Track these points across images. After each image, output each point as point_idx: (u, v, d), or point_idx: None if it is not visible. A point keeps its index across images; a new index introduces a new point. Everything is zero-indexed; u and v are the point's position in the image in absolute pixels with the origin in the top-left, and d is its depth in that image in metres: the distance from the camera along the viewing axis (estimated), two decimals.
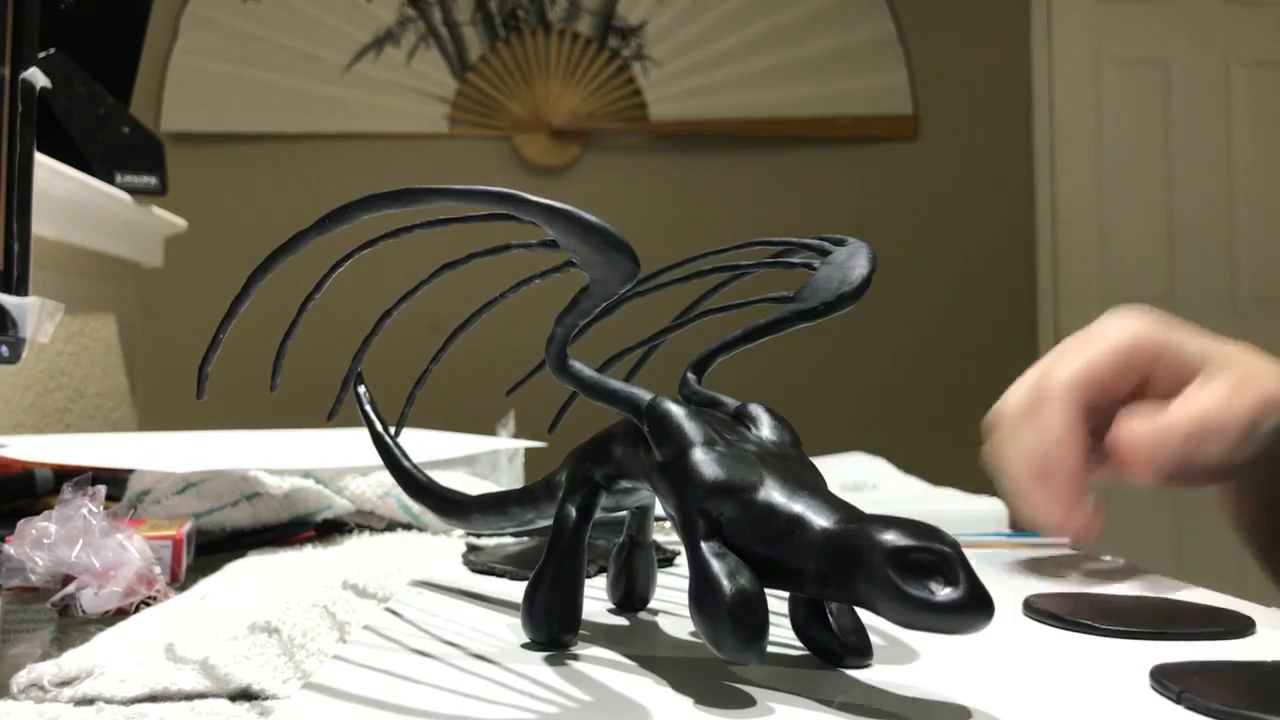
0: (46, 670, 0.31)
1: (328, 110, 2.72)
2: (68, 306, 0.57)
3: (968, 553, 0.28)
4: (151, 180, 1.17)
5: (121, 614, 0.41)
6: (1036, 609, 0.39)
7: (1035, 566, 0.50)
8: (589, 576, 0.44)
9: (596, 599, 0.41)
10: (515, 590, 0.43)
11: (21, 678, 0.31)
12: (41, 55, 0.94)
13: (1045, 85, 2.84)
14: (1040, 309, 2.82)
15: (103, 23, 1.18)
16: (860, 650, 0.32)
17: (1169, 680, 0.29)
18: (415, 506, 0.60)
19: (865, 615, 0.32)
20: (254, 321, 0.44)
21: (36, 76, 0.51)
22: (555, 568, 0.35)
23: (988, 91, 2.83)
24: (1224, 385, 0.46)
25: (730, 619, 0.28)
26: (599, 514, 0.36)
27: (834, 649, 0.32)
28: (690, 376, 0.38)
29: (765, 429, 0.34)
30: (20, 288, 0.51)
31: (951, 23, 2.82)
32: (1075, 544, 0.55)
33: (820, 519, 0.29)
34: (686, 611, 0.29)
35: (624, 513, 0.39)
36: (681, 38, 2.77)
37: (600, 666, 0.32)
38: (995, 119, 2.83)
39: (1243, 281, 2.78)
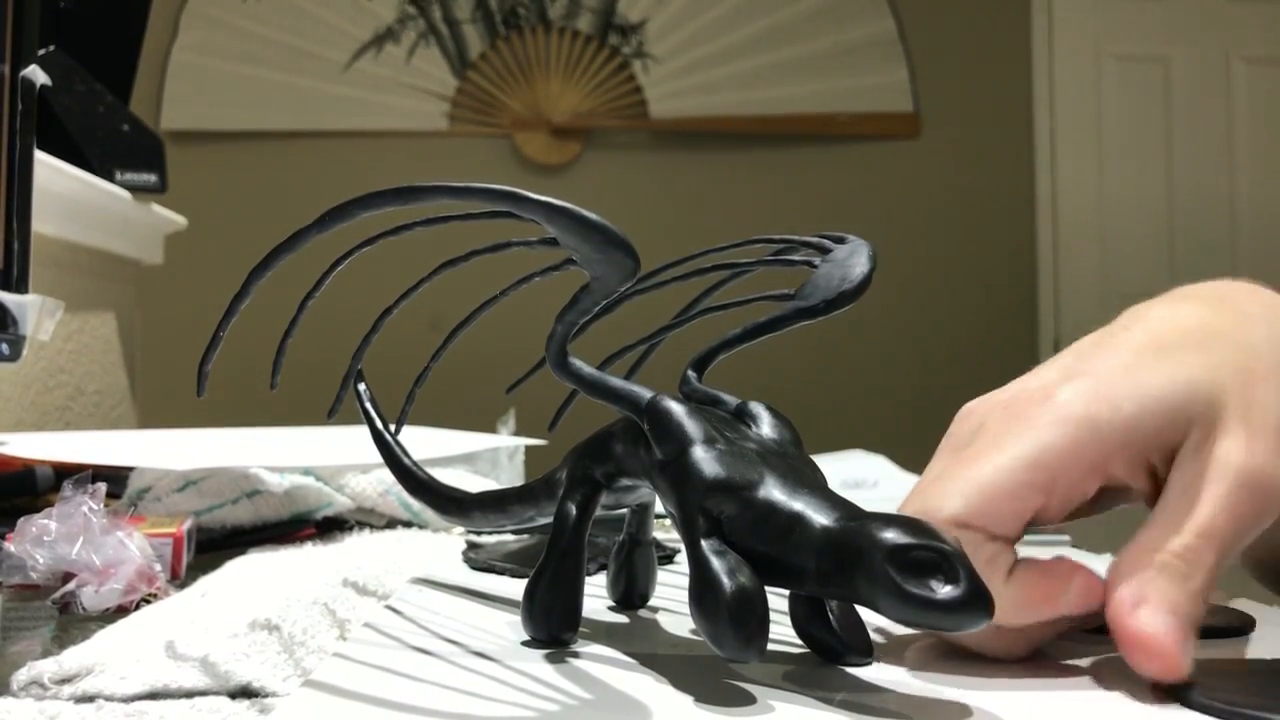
0: (47, 668, 0.31)
1: (327, 108, 2.72)
2: (68, 304, 0.57)
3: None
4: (151, 178, 1.17)
5: (122, 611, 0.41)
6: None
7: None
8: (589, 574, 0.44)
9: (597, 597, 0.40)
10: (515, 588, 0.43)
11: (22, 675, 0.31)
12: (41, 53, 0.94)
13: (1045, 82, 2.83)
14: (1040, 307, 2.82)
15: (102, 20, 1.18)
16: (860, 648, 0.32)
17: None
18: (415, 504, 0.60)
19: (866, 613, 0.32)
20: (254, 319, 0.44)
21: (36, 74, 0.51)
22: (555, 565, 0.34)
23: (988, 89, 2.83)
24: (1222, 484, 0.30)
25: (730, 617, 0.28)
26: (599, 512, 0.36)
27: (834, 647, 0.32)
28: (691, 374, 0.38)
29: (766, 427, 0.34)
30: (20, 285, 0.51)
31: (952, 20, 2.81)
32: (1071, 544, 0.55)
33: (821, 517, 0.29)
34: (687, 609, 0.29)
35: (624, 510, 0.39)
36: (682, 35, 2.77)
37: (600, 664, 0.32)
38: (995, 116, 2.83)
39: (1243, 279, 2.78)
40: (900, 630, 0.36)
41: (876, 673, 0.31)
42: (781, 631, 0.33)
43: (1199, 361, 0.33)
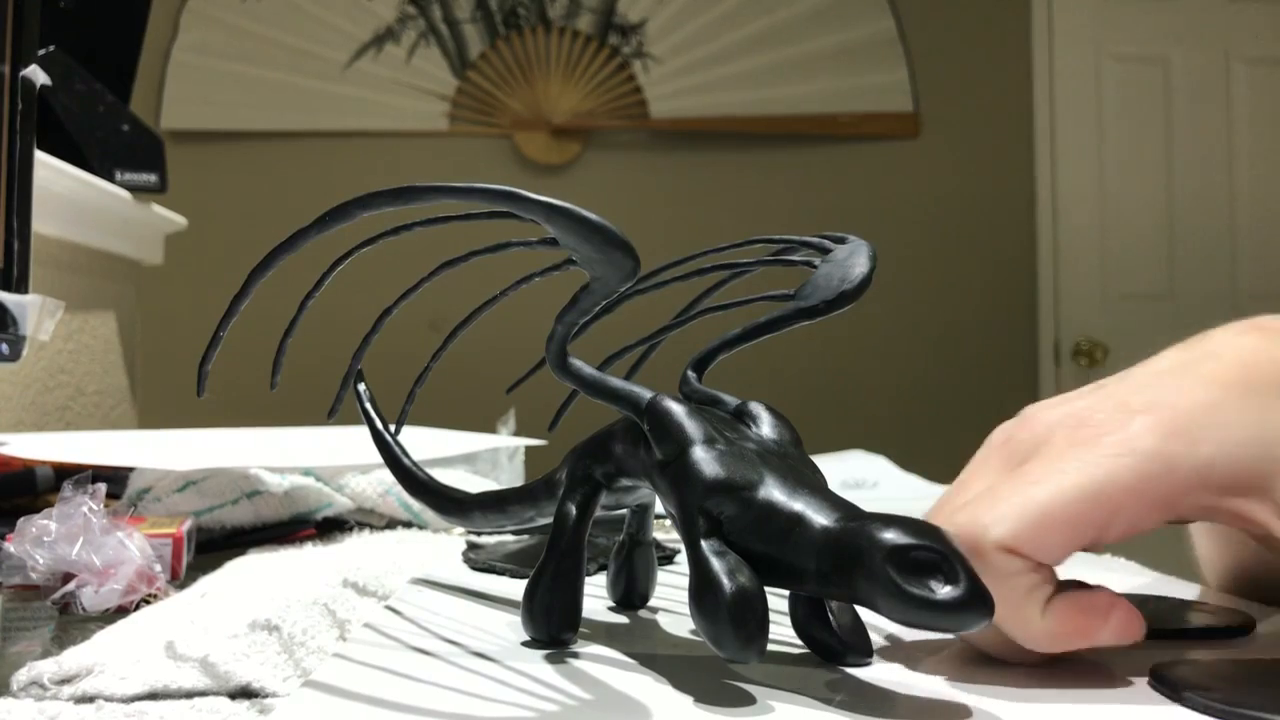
0: (47, 668, 0.31)
1: (328, 108, 2.71)
2: (68, 304, 0.57)
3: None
4: (151, 178, 1.17)
5: (122, 612, 0.41)
6: None
7: None
8: (589, 574, 0.44)
9: (597, 597, 0.41)
10: (515, 588, 0.43)
11: (22, 675, 0.31)
12: (41, 53, 0.94)
13: (1046, 83, 2.83)
14: (1040, 307, 2.82)
15: (102, 20, 1.18)
16: (860, 649, 0.32)
17: (1169, 680, 0.29)
18: (415, 504, 0.60)
19: (865, 613, 0.32)
20: (254, 319, 0.44)
21: (36, 74, 0.51)
22: (555, 566, 0.34)
23: (988, 89, 2.83)
24: None
25: (730, 617, 0.28)
26: (599, 512, 0.36)
27: (834, 647, 0.32)
28: (690, 374, 0.38)
29: (766, 427, 0.34)
30: (20, 285, 0.51)
31: (952, 20, 2.81)
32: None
33: (820, 517, 0.29)
34: (687, 609, 0.29)
35: (624, 511, 0.39)
36: (682, 35, 2.77)
37: (600, 664, 0.32)
38: (995, 117, 2.83)
39: (1243, 279, 2.78)
40: (901, 630, 0.36)
41: (876, 673, 0.31)
42: (781, 631, 0.33)
43: None
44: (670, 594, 0.42)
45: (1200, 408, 0.31)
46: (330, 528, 0.61)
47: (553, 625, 0.34)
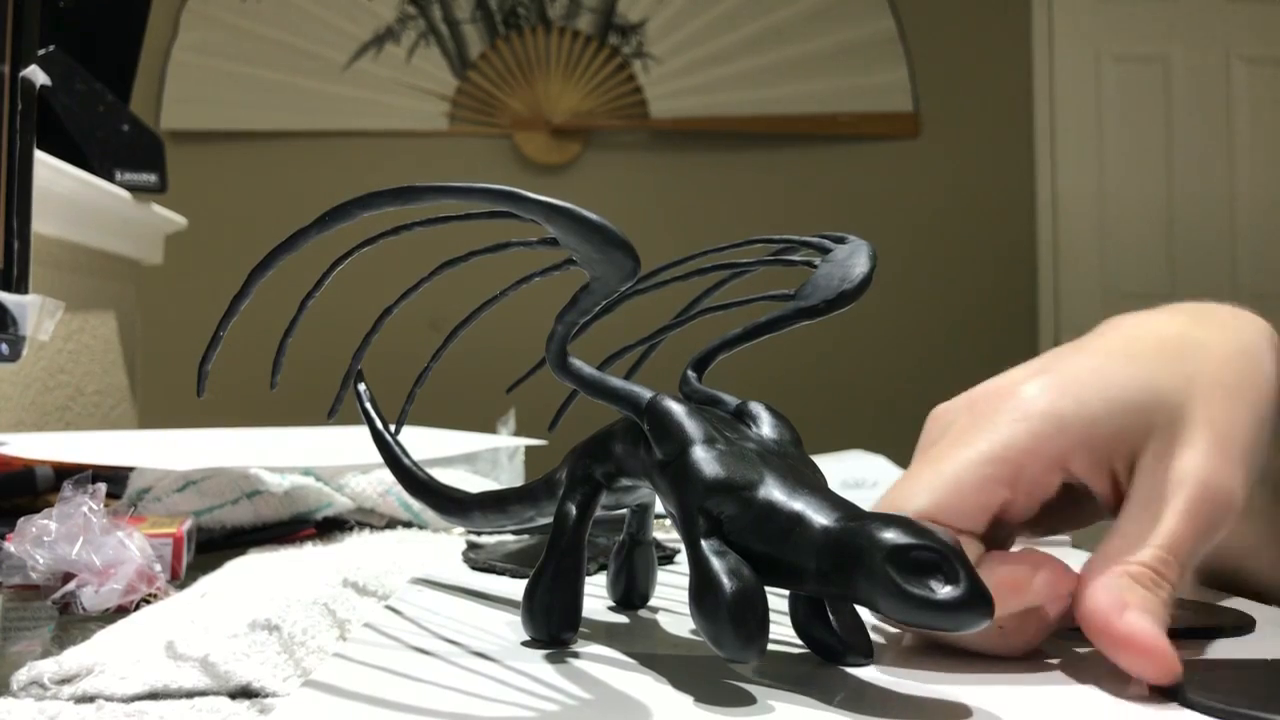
0: (47, 668, 0.31)
1: (328, 108, 2.71)
2: (67, 304, 0.57)
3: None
4: (151, 178, 1.17)
5: (122, 612, 0.41)
6: None
7: None
8: (589, 574, 0.44)
9: (597, 597, 0.41)
10: (515, 588, 0.43)
11: (22, 675, 0.31)
12: (41, 53, 0.94)
13: (1046, 83, 2.84)
14: (1040, 307, 2.83)
15: (102, 20, 1.18)
16: (860, 648, 0.32)
17: None
18: (415, 504, 0.60)
19: (866, 613, 0.32)
20: (254, 319, 0.44)
21: (36, 74, 0.51)
22: (555, 565, 0.34)
23: (988, 89, 2.83)
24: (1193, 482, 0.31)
25: (730, 617, 0.28)
26: (599, 512, 0.36)
27: (834, 647, 0.32)
28: (691, 374, 0.38)
29: (765, 427, 0.34)
30: (20, 285, 0.51)
31: (952, 20, 2.82)
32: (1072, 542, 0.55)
33: (820, 517, 0.29)
34: (687, 609, 0.29)
35: (624, 510, 0.39)
36: (682, 35, 2.77)
37: (600, 664, 0.32)
38: (995, 117, 2.83)
39: (1243, 278, 2.78)
40: (901, 630, 0.36)
41: (876, 673, 0.31)
42: (781, 631, 0.33)
43: (1169, 369, 0.33)
44: (670, 594, 0.42)
45: (1086, 370, 0.34)
46: (330, 528, 0.61)
47: (553, 625, 0.34)
